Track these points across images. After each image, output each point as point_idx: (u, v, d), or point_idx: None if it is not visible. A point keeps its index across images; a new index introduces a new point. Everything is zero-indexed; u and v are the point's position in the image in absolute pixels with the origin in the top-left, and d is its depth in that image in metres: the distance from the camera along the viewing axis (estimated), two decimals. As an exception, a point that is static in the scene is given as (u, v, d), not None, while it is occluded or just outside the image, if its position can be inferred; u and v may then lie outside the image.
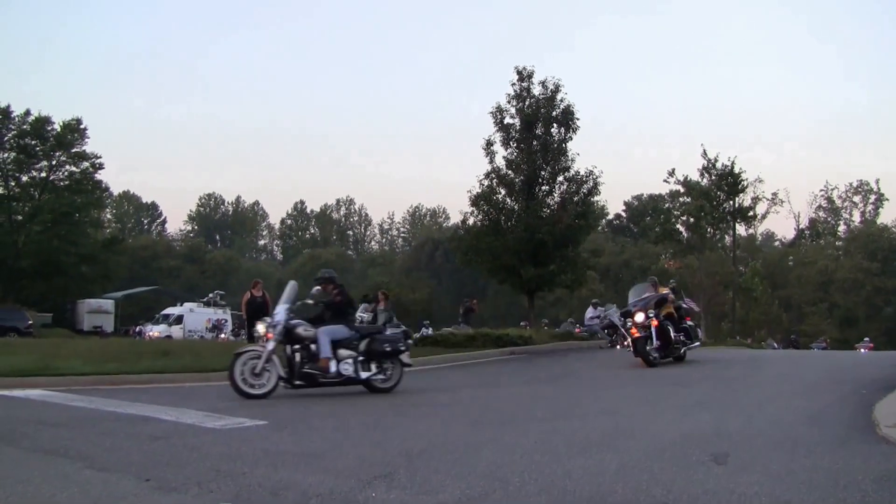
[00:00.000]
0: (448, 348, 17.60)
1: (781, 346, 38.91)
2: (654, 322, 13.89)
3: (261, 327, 9.75)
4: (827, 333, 48.56)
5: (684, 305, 16.15)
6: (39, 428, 6.76)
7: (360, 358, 9.81)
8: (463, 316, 25.82)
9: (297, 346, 9.55)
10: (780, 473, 4.85)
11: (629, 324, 14.37)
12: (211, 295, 42.42)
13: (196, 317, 39.31)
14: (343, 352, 9.72)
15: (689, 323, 15.75)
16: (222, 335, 34.67)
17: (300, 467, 5.03)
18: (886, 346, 46.62)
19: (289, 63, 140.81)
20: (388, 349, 9.99)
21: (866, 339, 42.26)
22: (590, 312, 25.03)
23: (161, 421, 7.17)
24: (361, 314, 21.15)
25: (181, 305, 41.78)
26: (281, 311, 9.64)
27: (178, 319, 39.04)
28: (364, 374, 9.81)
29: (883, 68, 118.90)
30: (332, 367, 9.51)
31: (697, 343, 15.88)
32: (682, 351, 14.71)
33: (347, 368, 9.64)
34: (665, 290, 15.21)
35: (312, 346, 9.55)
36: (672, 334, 14.18)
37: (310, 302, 10.23)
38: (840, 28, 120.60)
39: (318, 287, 10.24)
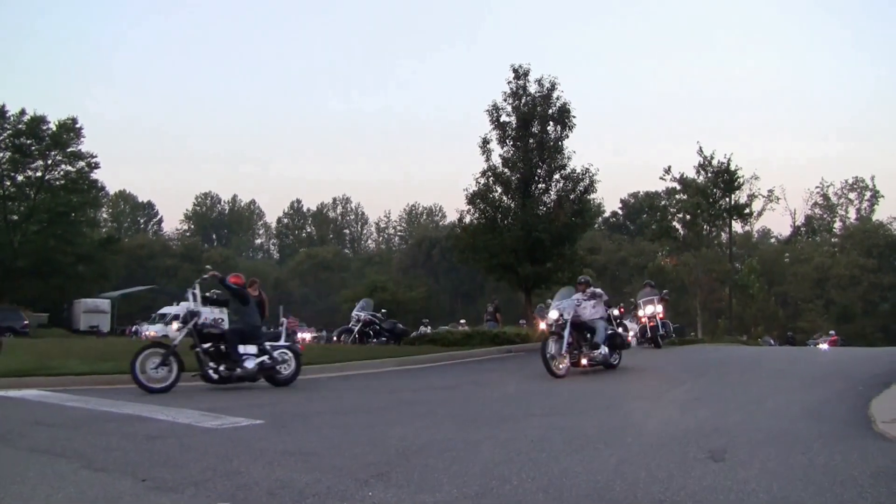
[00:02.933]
0: (446, 346, 17.63)
1: (778, 342, 38.91)
2: None
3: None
4: (823, 330, 48.57)
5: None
6: (36, 428, 6.75)
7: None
8: (491, 314, 25.40)
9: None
10: (778, 469, 4.85)
11: None
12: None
13: None
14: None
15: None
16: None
17: (297, 466, 5.01)
18: (883, 341, 46.69)
19: (282, 63, 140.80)
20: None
21: (831, 332, 41.75)
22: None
23: (158, 420, 7.16)
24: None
25: (178, 305, 41.62)
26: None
27: (175, 319, 38.90)
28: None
29: (880, 65, 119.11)
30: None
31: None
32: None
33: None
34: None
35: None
36: None
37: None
38: (836, 22, 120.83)
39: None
